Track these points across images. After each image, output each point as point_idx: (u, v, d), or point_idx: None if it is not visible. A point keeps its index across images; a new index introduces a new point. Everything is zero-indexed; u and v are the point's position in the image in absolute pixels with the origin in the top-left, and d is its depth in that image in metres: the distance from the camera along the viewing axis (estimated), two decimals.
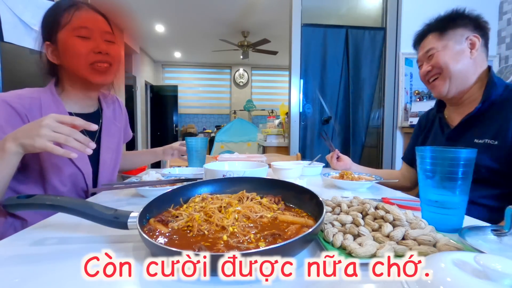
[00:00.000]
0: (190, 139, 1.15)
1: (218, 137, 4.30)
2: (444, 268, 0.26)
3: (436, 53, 0.94)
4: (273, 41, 5.05)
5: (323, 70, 2.46)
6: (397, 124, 2.51)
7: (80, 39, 0.85)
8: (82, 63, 0.85)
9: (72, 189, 0.88)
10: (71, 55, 0.85)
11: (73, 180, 0.87)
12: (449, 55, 0.92)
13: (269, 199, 0.59)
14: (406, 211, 0.52)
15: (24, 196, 0.49)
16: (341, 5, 2.64)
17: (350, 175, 1.00)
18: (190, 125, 7.17)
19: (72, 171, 0.86)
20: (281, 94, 7.43)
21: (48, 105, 0.85)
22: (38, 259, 0.42)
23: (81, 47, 0.85)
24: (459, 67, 0.92)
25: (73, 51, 0.85)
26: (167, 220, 0.50)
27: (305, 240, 0.40)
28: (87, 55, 0.85)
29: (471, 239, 0.45)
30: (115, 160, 1.03)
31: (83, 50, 0.85)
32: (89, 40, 0.86)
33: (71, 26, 0.85)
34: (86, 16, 0.87)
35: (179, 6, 4.03)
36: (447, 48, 0.93)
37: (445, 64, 0.92)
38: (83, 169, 0.88)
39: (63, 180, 0.85)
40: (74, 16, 0.86)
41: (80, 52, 0.84)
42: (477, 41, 0.91)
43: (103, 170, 0.96)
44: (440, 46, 0.93)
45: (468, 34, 0.92)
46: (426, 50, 0.96)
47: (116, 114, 1.08)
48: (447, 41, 0.93)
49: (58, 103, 0.88)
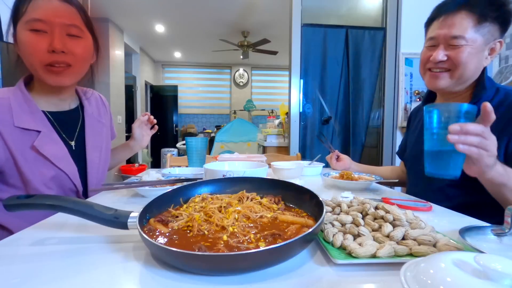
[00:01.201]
0: (190, 139, 1.15)
1: (218, 137, 4.30)
2: (444, 268, 0.26)
3: (464, 46, 0.79)
4: (273, 41, 5.05)
5: (323, 70, 2.46)
6: (397, 124, 2.51)
7: (34, 33, 0.74)
8: (36, 62, 0.77)
9: (59, 190, 0.84)
10: (24, 52, 0.77)
11: (57, 182, 0.83)
12: (472, 55, 0.81)
13: (269, 199, 0.59)
14: (406, 211, 0.52)
15: (24, 196, 0.49)
16: (341, 5, 2.64)
17: (350, 175, 1.00)
18: (190, 125, 7.17)
19: (54, 173, 0.81)
20: (281, 94, 7.42)
21: (19, 105, 0.80)
22: (38, 259, 0.42)
23: (34, 43, 0.75)
24: (472, 70, 0.83)
25: (25, 48, 0.76)
26: (167, 220, 0.50)
27: (305, 240, 0.40)
28: (41, 53, 0.75)
29: (471, 239, 0.45)
30: (104, 158, 0.99)
31: (36, 47, 0.75)
32: (45, 35, 0.75)
33: (25, 18, 0.74)
34: (44, 6, 0.75)
35: (179, 6, 4.03)
36: (474, 45, 0.80)
37: (465, 64, 0.81)
38: (66, 170, 0.83)
39: (46, 183, 0.80)
40: (30, 6, 0.74)
41: (32, 50, 0.75)
42: (499, 48, 0.83)
43: (91, 169, 0.92)
44: (471, 38, 0.79)
45: (497, 37, 0.82)
46: (455, 34, 0.80)
47: (100, 111, 1.03)
48: (479, 36, 0.80)
49: (29, 101, 0.82)
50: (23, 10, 0.75)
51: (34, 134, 0.81)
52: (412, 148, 1.08)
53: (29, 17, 0.74)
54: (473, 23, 0.80)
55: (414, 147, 1.07)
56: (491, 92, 0.85)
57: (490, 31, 0.81)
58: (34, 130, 0.81)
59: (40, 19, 0.74)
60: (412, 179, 1.08)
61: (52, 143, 0.83)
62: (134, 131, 1.11)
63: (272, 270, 0.39)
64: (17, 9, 0.76)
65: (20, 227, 0.56)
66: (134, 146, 1.14)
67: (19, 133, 0.79)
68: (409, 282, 0.26)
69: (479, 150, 0.59)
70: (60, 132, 0.88)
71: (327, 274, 0.38)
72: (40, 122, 0.83)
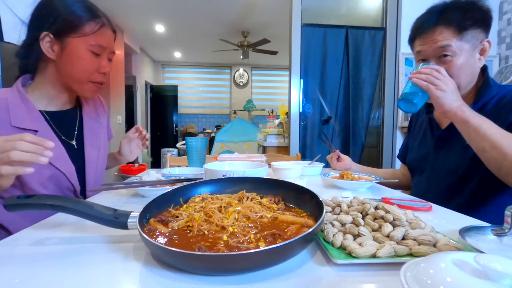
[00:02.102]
0: (190, 139, 1.15)
1: (218, 137, 4.30)
2: (444, 268, 0.26)
3: (454, 57, 0.83)
4: (273, 41, 5.05)
5: (323, 70, 2.46)
6: (397, 124, 2.51)
7: (92, 54, 0.85)
8: (83, 77, 0.85)
9: (57, 189, 0.85)
10: (76, 66, 0.84)
11: (55, 181, 0.84)
12: (463, 63, 0.83)
13: (269, 199, 0.59)
14: (406, 211, 0.52)
15: (24, 196, 0.49)
16: (341, 5, 2.64)
17: (350, 175, 1.00)
18: (190, 125, 7.17)
19: (52, 173, 0.82)
20: (281, 94, 7.43)
21: (16, 104, 0.82)
22: (38, 259, 0.42)
23: (90, 63, 0.85)
24: (467, 78, 0.86)
25: (80, 64, 0.83)
26: (167, 220, 0.50)
27: (305, 240, 0.40)
28: (91, 72, 0.86)
29: (471, 239, 0.45)
30: (102, 158, 1.00)
31: (90, 66, 0.85)
32: (98, 58, 0.86)
33: (90, 39, 0.83)
34: (107, 36, 0.87)
35: (179, 6, 4.03)
36: (462, 54, 0.83)
37: (459, 76, 0.83)
38: (63, 169, 0.84)
39: (43, 183, 0.81)
40: (99, 33, 0.84)
41: (86, 68, 0.84)
42: (488, 47, 0.85)
43: (90, 168, 0.93)
44: (458, 48, 0.82)
45: (483, 38, 0.84)
46: (440, 45, 0.83)
47: (98, 112, 1.05)
48: (465, 43, 0.82)
49: (26, 101, 0.83)
50: (89, 31, 0.82)
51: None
52: (415, 150, 1.08)
53: (96, 41, 0.84)
54: (453, 34, 0.82)
55: (418, 149, 1.07)
56: (494, 90, 0.86)
57: (474, 36, 0.83)
58: (31, 129, 0.81)
59: (103, 47, 0.86)
60: (415, 181, 1.08)
61: None
62: (122, 147, 1.08)
63: (272, 270, 0.39)
64: (75, 22, 0.81)
65: (20, 226, 0.56)
66: (120, 160, 1.12)
67: (16, 132, 0.78)
68: (409, 282, 0.26)
69: (427, 84, 0.77)
70: (57, 132, 0.89)
71: (327, 274, 0.38)
72: (37, 121, 0.84)
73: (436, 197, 0.90)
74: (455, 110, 0.75)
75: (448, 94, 0.76)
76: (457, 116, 0.75)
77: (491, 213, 0.83)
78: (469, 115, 0.74)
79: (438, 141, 0.97)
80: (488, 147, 0.71)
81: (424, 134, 1.05)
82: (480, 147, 0.73)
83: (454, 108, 0.75)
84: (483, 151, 0.73)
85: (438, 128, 0.99)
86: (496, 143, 0.70)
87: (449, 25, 0.83)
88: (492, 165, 0.74)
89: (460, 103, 0.76)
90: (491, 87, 0.86)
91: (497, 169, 0.73)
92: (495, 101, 0.85)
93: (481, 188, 0.85)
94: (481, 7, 0.83)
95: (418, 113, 1.15)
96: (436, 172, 0.97)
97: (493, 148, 0.70)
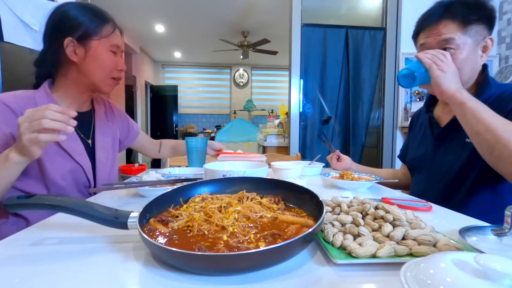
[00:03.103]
0: (190, 139, 1.15)
1: (218, 137, 4.30)
2: (444, 268, 0.26)
3: (457, 51, 0.83)
4: (273, 41, 5.05)
5: (323, 70, 2.46)
6: (397, 124, 2.51)
7: (112, 54, 0.94)
8: (105, 74, 0.94)
9: (73, 184, 0.90)
10: (100, 65, 0.92)
11: (74, 175, 0.89)
12: (466, 58, 0.84)
13: (269, 199, 0.58)
14: (406, 211, 0.52)
15: (24, 196, 0.49)
16: (341, 5, 2.64)
17: (350, 175, 1.00)
18: (190, 125, 7.17)
19: (72, 166, 0.88)
20: (281, 94, 7.42)
21: (43, 103, 0.86)
22: (38, 259, 0.42)
23: (111, 61, 0.94)
24: (469, 73, 0.86)
25: (103, 63, 0.92)
26: (167, 220, 0.50)
27: (305, 240, 0.40)
28: (112, 70, 0.95)
29: (471, 239, 0.45)
30: (112, 159, 1.06)
31: (111, 64, 0.94)
32: (116, 56, 0.95)
33: (109, 40, 0.92)
34: (119, 36, 0.98)
35: (179, 6, 4.03)
36: (465, 48, 0.83)
37: (459, 68, 0.82)
38: (83, 164, 0.90)
39: (63, 175, 0.87)
40: (114, 33, 0.94)
41: (108, 66, 0.93)
42: (491, 45, 0.86)
43: (100, 167, 0.98)
44: (461, 42, 0.83)
45: (486, 35, 0.85)
46: (444, 38, 0.84)
47: (108, 115, 1.11)
48: (468, 38, 0.83)
49: (52, 101, 0.89)
50: (106, 33, 0.91)
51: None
52: (415, 150, 1.08)
53: (113, 41, 0.93)
54: (458, 28, 0.83)
55: (418, 148, 1.07)
56: (493, 88, 0.86)
57: (477, 31, 0.84)
58: None
59: (118, 45, 0.95)
60: (415, 180, 1.08)
61: (71, 139, 0.90)
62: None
63: (272, 270, 0.39)
64: (93, 27, 0.89)
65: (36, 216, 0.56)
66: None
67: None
68: (409, 282, 0.26)
69: (431, 62, 0.78)
70: (77, 131, 0.95)
71: (327, 274, 0.38)
72: None
73: (435, 196, 0.91)
74: (453, 91, 0.75)
75: (448, 75, 0.77)
76: (455, 98, 0.75)
77: (492, 212, 0.84)
78: (466, 97, 0.74)
79: (438, 139, 0.97)
80: (482, 130, 0.70)
81: (424, 133, 1.06)
82: (475, 130, 0.72)
83: (452, 90, 0.76)
84: (477, 134, 0.72)
85: (438, 126, 0.99)
86: (491, 126, 0.69)
87: (454, 18, 0.83)
88: (484, 148, 0.73)
89: (459, 86, 0.77)
90: (491, 86, 0.87)
91: (489, 152, 0.71)
92: (494, 98, 0.86)
93: (479, 186, 0.85)
94: (487, 4, 0.84)
95: (419, 113, 1.15)
96: (434, 171, 0.97)
97: (488, 130, 0.69)
